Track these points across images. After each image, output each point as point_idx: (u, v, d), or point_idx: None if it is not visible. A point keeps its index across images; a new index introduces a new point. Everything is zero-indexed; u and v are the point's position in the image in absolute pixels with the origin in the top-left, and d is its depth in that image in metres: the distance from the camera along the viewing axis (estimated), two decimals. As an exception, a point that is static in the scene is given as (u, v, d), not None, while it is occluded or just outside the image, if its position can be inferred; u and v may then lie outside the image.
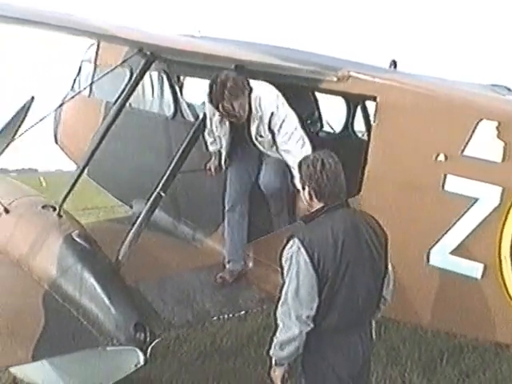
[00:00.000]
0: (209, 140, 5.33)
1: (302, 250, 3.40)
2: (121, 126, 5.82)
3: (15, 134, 7.35)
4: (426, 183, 4.28)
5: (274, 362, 3.62)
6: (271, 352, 3.59)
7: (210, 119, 5.15)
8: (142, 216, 5.06)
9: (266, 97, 4.81)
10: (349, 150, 5.16)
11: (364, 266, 3.54)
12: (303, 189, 3.61)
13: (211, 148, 5.36)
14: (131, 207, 6.82)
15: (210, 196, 5.58)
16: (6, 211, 5.48)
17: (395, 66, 5.28)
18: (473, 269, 4.17)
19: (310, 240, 3.43)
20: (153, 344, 4.47)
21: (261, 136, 4.93)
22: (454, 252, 4.20)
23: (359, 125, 6.87)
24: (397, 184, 4.44)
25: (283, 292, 3.49)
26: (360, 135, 6.88)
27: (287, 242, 3.51)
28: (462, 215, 4.14)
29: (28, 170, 28.08)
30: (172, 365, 6.03)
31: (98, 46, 7.43)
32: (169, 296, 4.99)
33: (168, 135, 6.23)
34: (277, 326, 3.55)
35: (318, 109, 6.56)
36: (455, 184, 4.17)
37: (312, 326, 3.45)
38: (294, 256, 3.43)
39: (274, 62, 5.07)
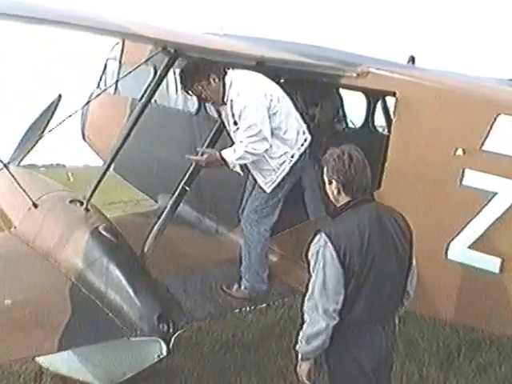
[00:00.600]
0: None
1: (329, 244, 3.44)
2: (146, 122, 5.89)
3: (44, 130, 7.52)
4: (444, 178, 4.34)
5: (300, 357, 3.65)
6: (297, 347, 3.63)
7: None
8: (167, 210, 5.16)
9: (233, 83, 4.81)
10: (369, 144, 5.22)
11: (389, 260, 3.58)
12: (330, 183, 3.62)
13: None
14: (156, 201, 6.94)
15: (232, 191, 5.66)
16: (35, 206, 5.59)
17: (413, 62, 5.32)
18: (491, 263, 4.21)
19: (336, 234, 3.47)
20: (175, 335, 4.55)
21: (229, 125, 4.95)
22: (473, 246, 4.25)
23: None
24: (416, 178, 4.51)
25: (310, 286, 3.53)
26: (380, 130, 6.92)
27: (314, 236, 3.54)
28: (481, 210, 4.19)
29: (56, 165, 28.36)
30: (194, 356, 6.14)
31: (123, 44, 7.55)
32: (192, 288, 5.09)
33: (192, 131, 6.32)
34: (303, 320, 3.59)
35: (343, 107, 6.59)
36: (474, 178, 4.22)
37: (338, 319, 3.49)
38: (321, 250, 3.46)
39: (294, 58, 5.14)
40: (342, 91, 6.30)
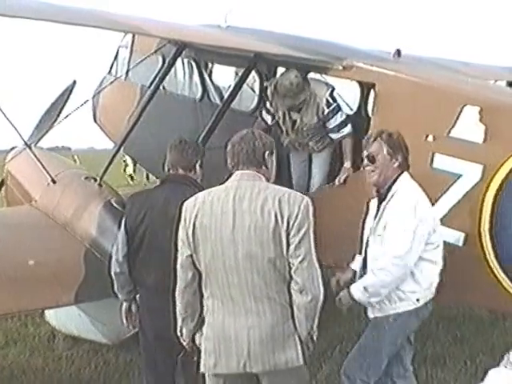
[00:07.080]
0: None
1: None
2: (154, 107, 6.35)
3: (59, 114, 8.04)
4: (417, 161, 4.58)
5: None
6: None
7: None
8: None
9: None
10: (363, 130, 5.67)
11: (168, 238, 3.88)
12: None
13: None
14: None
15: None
16: (54, 182, 6.25)
17: (399, 55, 5.70)
18: (456, 237, 4.60)
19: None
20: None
21: None
22: (441, 222, 4.51)
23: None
24: (393, 162, 4.95)
25: None
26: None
27: None
28: (448, 189, 4.59)
29: (61, 147, 28.67)
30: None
31: (134, 34, 7.90)
32: None
33: (196, 115, 6.75)
34: None
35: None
36: (442, 162, 4.64)
37: (126, 268, 4.28)
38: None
39: (287, 52, 5.58)
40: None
